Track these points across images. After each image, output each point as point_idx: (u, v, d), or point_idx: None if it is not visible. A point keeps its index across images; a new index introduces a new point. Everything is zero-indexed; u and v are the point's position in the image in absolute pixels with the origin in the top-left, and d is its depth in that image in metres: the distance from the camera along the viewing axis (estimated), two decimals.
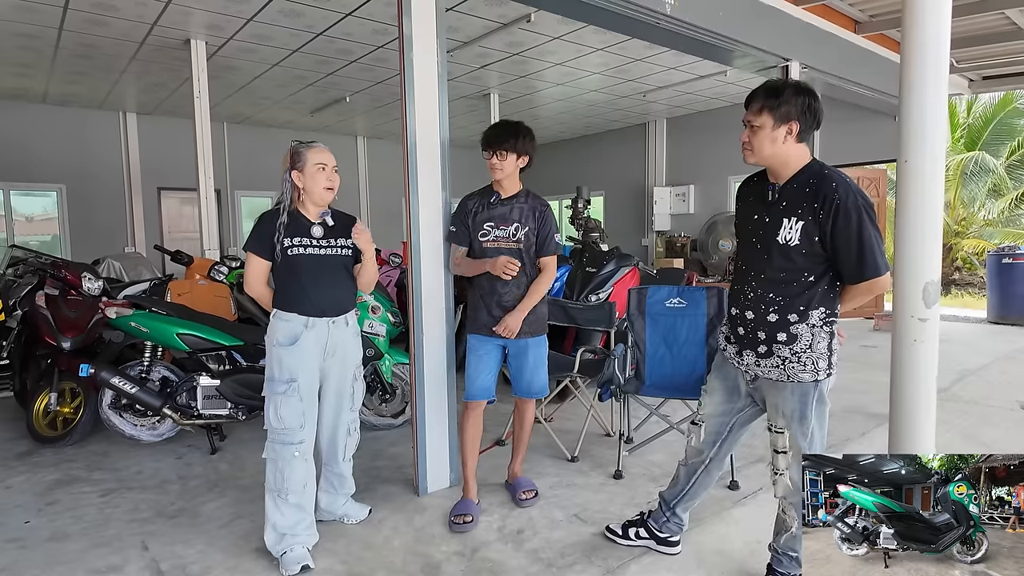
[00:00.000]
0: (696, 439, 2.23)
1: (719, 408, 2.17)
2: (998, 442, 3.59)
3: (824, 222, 1.77)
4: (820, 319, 1.86)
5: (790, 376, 1.89)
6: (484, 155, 2.65)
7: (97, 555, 2.42)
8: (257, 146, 9.65)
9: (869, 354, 6.03)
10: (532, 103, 8.57)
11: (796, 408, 1.91)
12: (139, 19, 5.16)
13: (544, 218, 2.69)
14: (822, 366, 1.87)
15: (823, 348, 1.87)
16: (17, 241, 7.86)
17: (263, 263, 2.35)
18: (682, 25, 4.09)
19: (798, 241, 1.82)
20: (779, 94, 1.82)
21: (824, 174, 1.83)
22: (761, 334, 1.92)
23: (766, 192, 1.93)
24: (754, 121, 1.87)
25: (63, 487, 3.06)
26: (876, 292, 1.81)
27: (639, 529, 2.42)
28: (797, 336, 1.86)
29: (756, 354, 1.95)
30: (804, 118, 1.83)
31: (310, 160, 2.34)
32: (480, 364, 2.72)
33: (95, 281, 3.93)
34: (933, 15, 1.62)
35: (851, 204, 1.75)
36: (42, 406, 3.65)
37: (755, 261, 1.95)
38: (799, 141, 1.86)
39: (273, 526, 2.31)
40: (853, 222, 1.74)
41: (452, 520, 2.63)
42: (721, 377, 2.16)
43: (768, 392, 1.98)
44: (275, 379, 2.31)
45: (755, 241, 1.95)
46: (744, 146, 1.92)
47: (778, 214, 1.87)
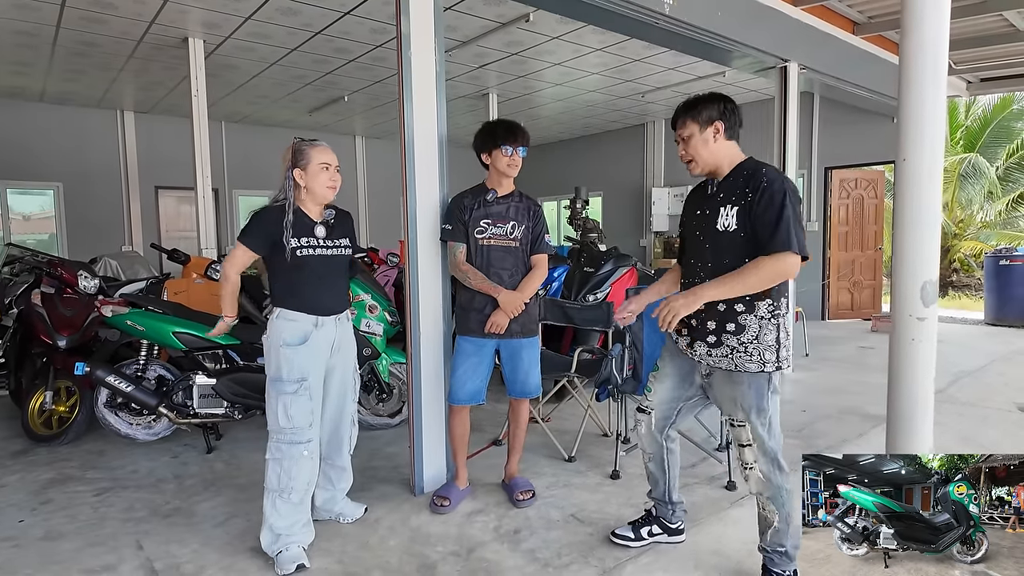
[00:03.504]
0: (644, 427, 2.31)
1: (670, 394, 2.24)
2: (996, 444, 3.59)
3: (754, 202, 1.91)
4: (768, 311, 1.95)
5: (738, 366, 1.98)
6: (503, 152, 2.64)
7: (91, 554, 2.41)
8: (255, 145, 9.64)
9: (866, 356, 6.04)
10: (531, 103, 8.56)
11: (753, 401, 1.99)
12: (137, 17, 5.15)
13: (538, 217, 2.78)
14: (769, 358, 1.95)
15: (771, 340, 1.95)
16: (14, 239, 7.84)
17: (249, 256, 2.37)
18: (681, 25, 4.09)
19: (736, 225, 1.94)
20: (697, 103, 2.05)
21: (757, 165, 2.01)
22: (711, 324, 2.01)
23: (707, 188, 2.11)
24: (683, 132, 2.07)
25: (57, 486, 3.05)
26: (781, 272, 1.87)
27: (651, 527, 2.44)
28: (745, 327, 1.95)
29: (707, 344, 2.04)
30: (725, 117, 2.02)
31: (314, 159, 2.33)
32: (472, 369, 2.72)
33: (91, 279, 3.92)
34: (933, 14, 1.61)
35: (777, 187, 1.89)
36: (37, 405, 3.63)
37: (700, 252, 2.05)
38: (728, 139, 2.04)
39: (270, 527, 2.30)
40: (776, 201, 1.87)
41: (432, 501, 2.75)
42: (675, 364, 2.22)
43: (724, 387, 2.05)
44: (284, 379, 2.29)
45: (699, 234, 2.07)
46: (684, 159, 2.10)
47: (716, 205, 2.01)
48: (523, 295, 2.66)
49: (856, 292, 8.42)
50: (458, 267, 2.70)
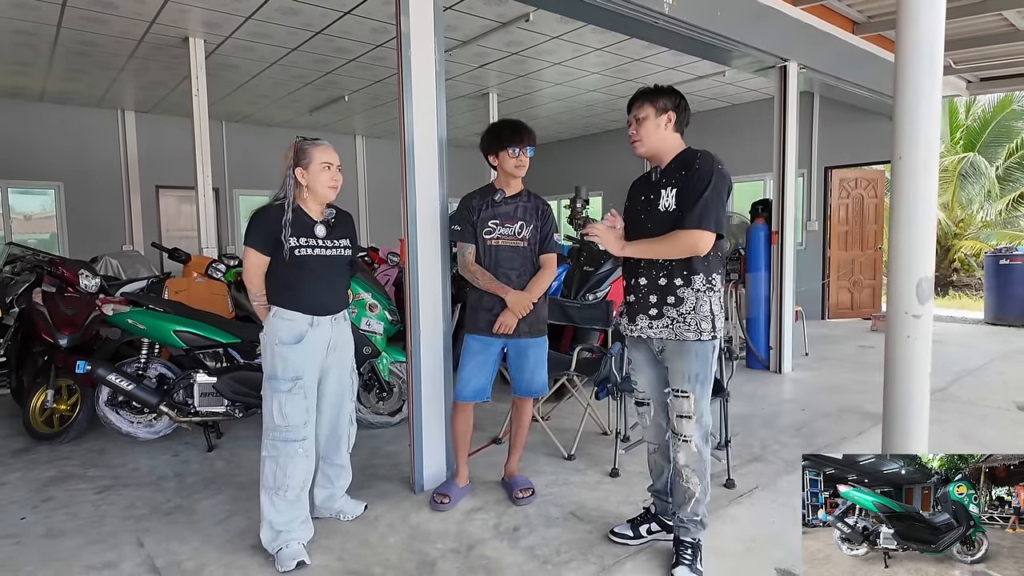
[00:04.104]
0: (647, 418, 2.39)
1: (653, 380, 2.34)
2: (995, 442, 3.59)
3: (686, 180, 2.11)
4: (703, 284, 2.14)
5: (678, 335, 2.15)
6: (509, 153, 2.65)
7: (92, 551, 2.42)
8: (255, 145, 9.65)
9: (865, 354, 6.05)
10: (531, 103, 8.57)
11: (699, 370, 2.16)
12: (137, 16, 5.16)
13: (546, 216, 2.78)
14: (705, 327, 2.13)
15: (706, 311, 2.13)
16: (15, 239, 7.85)
17: (263, 258, 2.35)
18: (680, 25, 4.10)
19: (675, 205, 2.12)
20: (656, 91, 2.20)
21: (696, 152, 2.17)
22: (653, 297, 2.19)
23: (651, 176, 2.26)
24: (639, 113, 2.20)
25: (59, 484, 3.06)
26: (690, 246, 2.07)
27: (650, 525, 2.45)
28: (683, 299, 2.14)
29: (648, 316, 2.21)
30: (679, 111, 2.19)
31: (316, 158, 2.33)
32: (478, 367, 2.73)
33: (92, 278, 3.93)
34: (928, 11, 1.62)
35: (705, 170, 2.08)
36: (38, 403, 3.65)
37: (642, 232, 2.21)
38: (676, 131, 2.21)
39: (269, 523, 2.31)
40: (704, 182, 2.06)
41: (432, 498, 2.76)
42: (641, 351, 2.34)
43: (674, 359, 2.19)
44: (278, 377, 2.30)
45: (643, 218, 2.23)
46: (632, 138, 2.24)
47: (658, 188, 2.19)
48: (531, 295, 2.66)
49: (856, 291, 8.43)
50: (467, 267, 2.70)
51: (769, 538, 2.47)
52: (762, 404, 4.38)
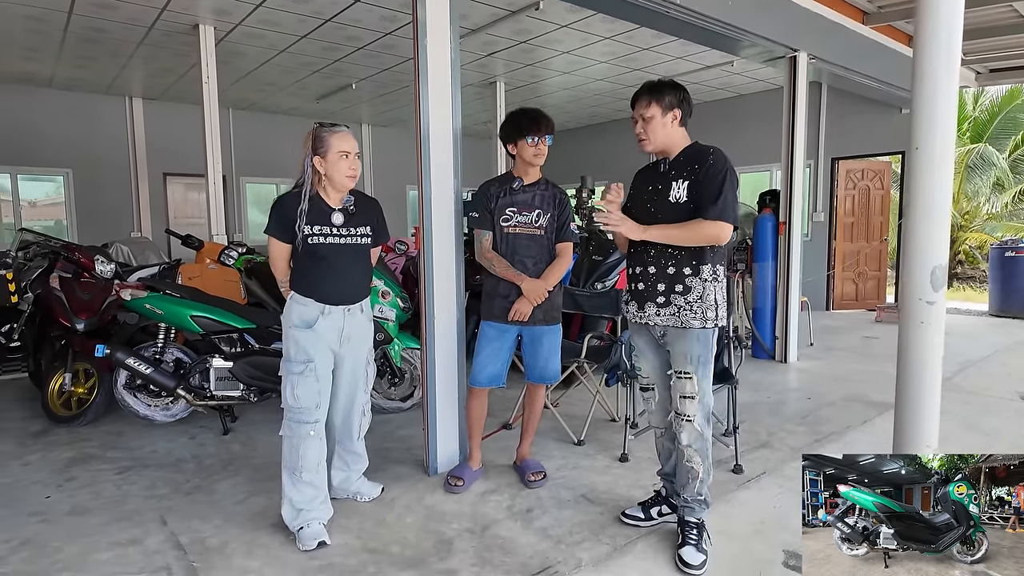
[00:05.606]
0: (652, 402, 2.46)
1: (656, 365, 2.40)
2: (998, 431, 3.64)
3: (699, 174, 2.16)
4: (710, 274, 2.20)
5: (684, 323, 2.20)
6: (528, 141, 2.67)
7: (118, 528, 2.48)
8: (262, 133, 9.65)
9: (871, 345, 6.08)
10: (538, 91, 8.56)
11: (701, 353, 2.22)
12: (148, 3, 5.17)
13: (564, 205, 2.80)
14: (710, 315, 2.20)
15: (711, 300, 2.20)
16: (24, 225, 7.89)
17: (283, 246, 2.39)
18: (690, 14, 4.11)
19: (686, 198, 2.18)
20: (661, 88, 2.22)
21: (705, 147, 2.23)
22: (661, 286, 2.24)
23: (659, 167, 2.31)
24: (645, 113, 2.22)
25: (80, 464, 3.13)
26: (714, 236, 2.13)
27: (660, 507, 2.51)
28: (691, 288, 2.20)
29: (656, 304, 2.25)
30: (683, 107, 2.23)
31: (333, 147, 2.34)
32: (494, 353, 2.77)
33: (108, 264, 3.98)
34: (947, 3, 1.65)
35: (720, 166, 2.14)
36: (56, 386, 3.71)
37: (652, 222, 2.23)
38: (681, 125, 2.25)
39: (290, 501, 2.37)
40: (719, 177, 2.12)
41: (446, 480, 2.82)
42: (643, 338, 2.39)
43: (676, 342, 2.25)
44: (292, 359, 2.36)
45: (650, 207, 2.27)
46: (639, 137, 2.27)
47: (668, 180, 2.24)
48: (546, 283, 2.69)
49: (861, 283, 8.45)
50: (484, 255, 2.73)
51: (776, 521, 2.52)
52: (768, 392, 4.43)
